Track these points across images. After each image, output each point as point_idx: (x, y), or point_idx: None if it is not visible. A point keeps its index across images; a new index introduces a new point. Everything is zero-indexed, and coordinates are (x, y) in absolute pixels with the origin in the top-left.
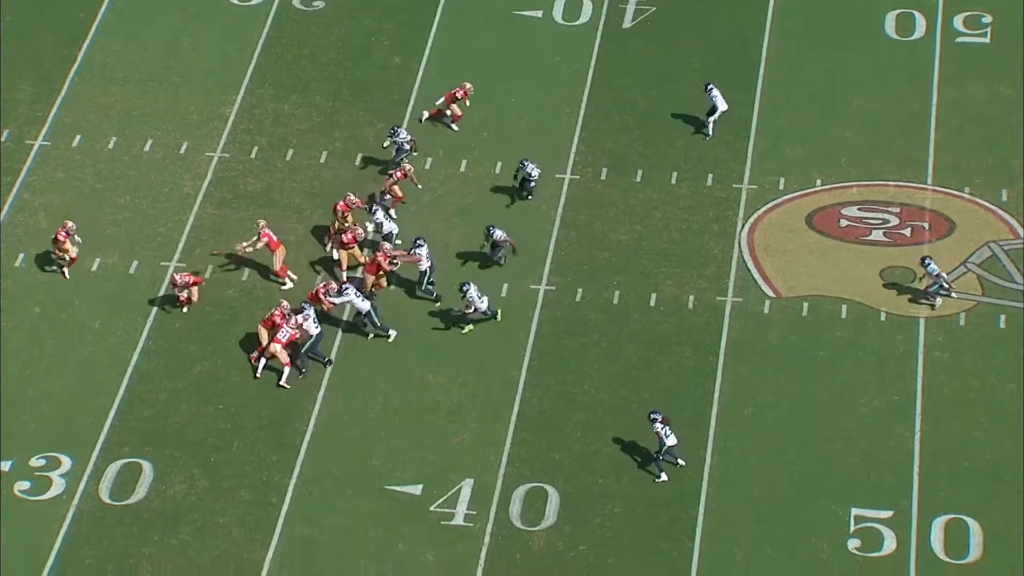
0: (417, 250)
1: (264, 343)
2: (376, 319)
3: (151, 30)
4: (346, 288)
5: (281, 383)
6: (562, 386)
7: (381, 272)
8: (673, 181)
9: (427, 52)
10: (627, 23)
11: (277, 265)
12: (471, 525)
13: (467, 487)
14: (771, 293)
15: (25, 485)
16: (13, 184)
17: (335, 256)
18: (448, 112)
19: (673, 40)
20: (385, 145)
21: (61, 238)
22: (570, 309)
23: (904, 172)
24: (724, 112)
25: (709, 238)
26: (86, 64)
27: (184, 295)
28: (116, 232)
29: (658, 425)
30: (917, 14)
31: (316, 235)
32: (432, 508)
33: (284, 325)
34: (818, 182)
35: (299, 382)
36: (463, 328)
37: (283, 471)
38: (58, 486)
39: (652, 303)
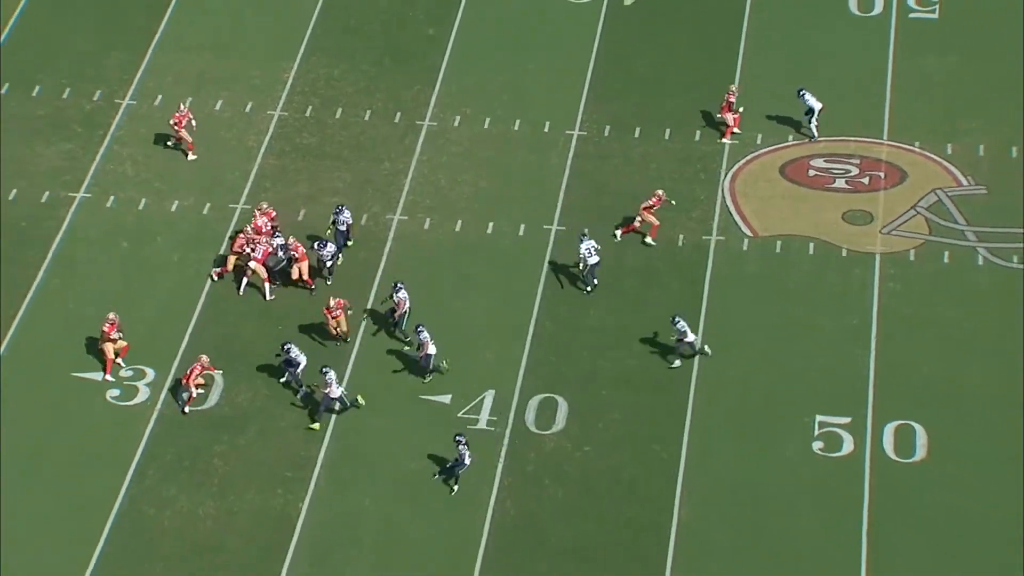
0: (398, 295)
1: (229, 265)
2: (300, 379)
3: (221, 6)
4: (288, 349)
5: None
6: (570, 312)
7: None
8: (666, 137)
9: (456, 25)
10: (628, 1)
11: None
12: (492, 429)
13: (489, 397)
14: (749, 233)
15: (115, 392)
16: (104, 137)
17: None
18: (728, 122)
19: (667, 16)
20: (328, 233)
21: (106, 329)
22: (576, 244)
23: (864, 129)
24: (822, 110)
25: (697, 186)
26: (165, 35)
27: None
28: (191, 179)
29: (462, 447)
30: None
31: (357, 184)
32: (459, 415)
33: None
34: (790, 138)
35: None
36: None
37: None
38: (143, 394)
39: (648, 241)
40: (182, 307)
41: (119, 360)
